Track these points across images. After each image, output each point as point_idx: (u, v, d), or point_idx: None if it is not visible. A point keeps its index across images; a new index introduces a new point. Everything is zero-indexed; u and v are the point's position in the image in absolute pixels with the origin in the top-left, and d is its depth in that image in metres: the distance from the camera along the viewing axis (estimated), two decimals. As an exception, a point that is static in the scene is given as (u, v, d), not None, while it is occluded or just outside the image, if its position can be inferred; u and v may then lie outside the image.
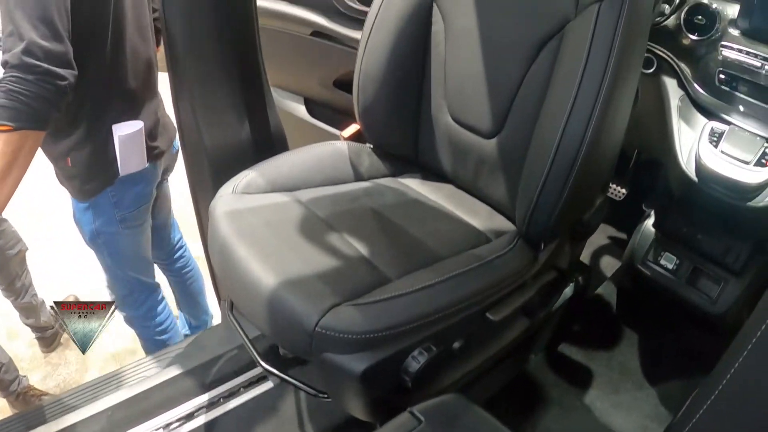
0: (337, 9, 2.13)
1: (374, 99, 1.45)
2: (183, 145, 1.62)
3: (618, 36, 1.06)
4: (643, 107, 1.73)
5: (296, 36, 2.24)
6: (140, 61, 1.58)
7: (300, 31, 2.22)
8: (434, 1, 1.39)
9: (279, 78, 2.45)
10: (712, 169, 1.43)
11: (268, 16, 2.26)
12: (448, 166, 1.46)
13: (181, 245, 2.26)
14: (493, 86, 1.29)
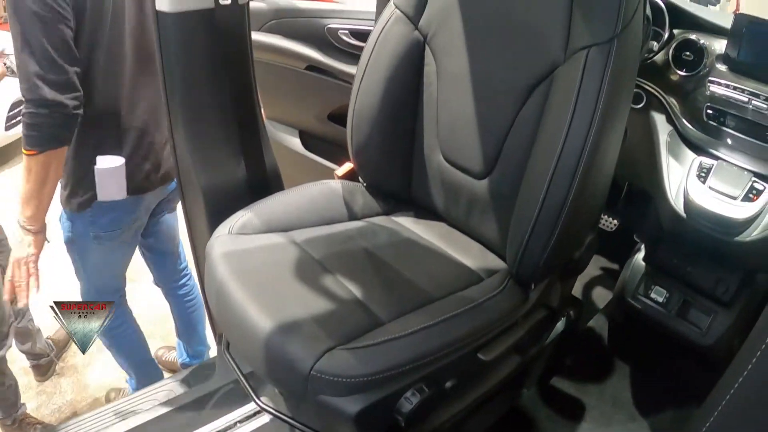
0: (332, 43, 2.17)
1: (368, 138, 1.47)
2: (179, 183, 1.64)
3: (606, 81, 1.08)
4: (632, 142, 1.76)
5: (291, 69, 2.27)
6: (138, 96, 1.67)
7: (295, 64, 2.26)
8: (426, 42, 1.42)
9: (274, 111, 2.48)
10: (700, 205, 1.46)
11: (264, 49, 2.30)
12: (440, 204, 1.49)
13: (186, 273, 2.29)
14: (484, 128, 1.32)
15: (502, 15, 1.27)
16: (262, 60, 2.32)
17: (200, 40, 1.42)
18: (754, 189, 1.48)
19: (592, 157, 1.10)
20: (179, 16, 1.38)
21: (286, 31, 2.28)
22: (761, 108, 1.55)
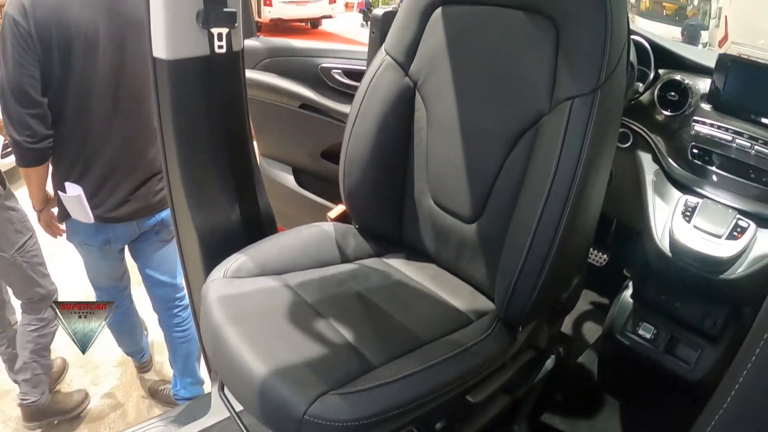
0: (325, 82, 2.21)
1: (359, 182, 1.50)
2: (174, 226, 1.67)
3: (589, 130, 1.11)
4: (620, 180, 1.79)
5: (285, 108, 2.31)
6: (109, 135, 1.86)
7: (289, 103, 2.30)
8: (416, 88, 1.45)
9: (268, 148, 2.52)
10: (685, 244, 1.49)
11: (259, 87, 2.33)
12: (431, 247, 1.51)
13: (180, 305, 2.33)
14: (472, 173, 1.34)
15: (489, 64, 1.31)
16: (256, 98, 2.36)
17: (196, 86, 1.46)
18: (739, 227, 1.51)
19: (577, 204, 1.13)
20: (176, 63, 1.42)
21: (281, 70, 2.32)
22: (745, 146, 1.59)
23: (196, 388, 2.44)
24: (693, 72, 1.81)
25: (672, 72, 1.79)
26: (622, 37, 1.17)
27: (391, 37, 1.48)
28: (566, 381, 1.95)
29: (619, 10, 1.14)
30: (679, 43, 2.14)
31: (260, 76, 2.34)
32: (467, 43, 1.34)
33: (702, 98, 1.72)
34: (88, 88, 1.77)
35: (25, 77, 1.67)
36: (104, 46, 1.75)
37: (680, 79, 1.73)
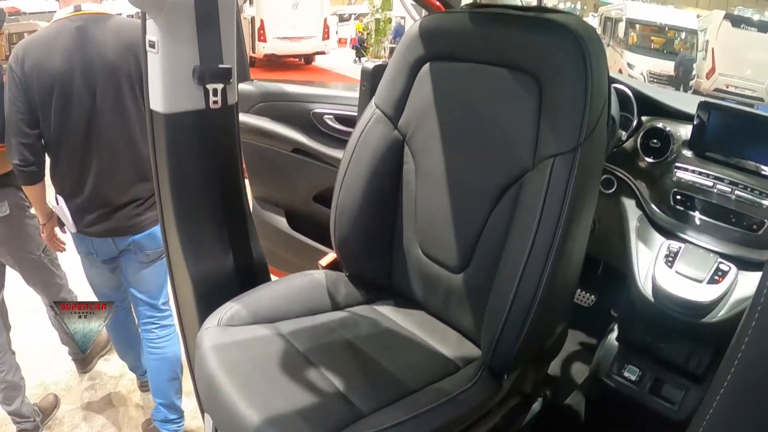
0: (318, 128, 2.26)
1: (350, 232, 1.54)
2: (170, 273, 1.70)
3: (570, 187, 1.16)
4: (605, 225, 1.84)
5: (278, 152, 2.36)
6: (88, 166, 2.08)
7: (282, 147, 2.34)
8: (405, 142, 1.49)
9: (261, 191, 2.56)
10: (667, 290, 1.52)
11: (252, 131, 2.38)
12: (419, 294, 1.54)
13: (156, 323, 2.38)
14: (459, 226, 1.38)
15: (475, 119, 1.35)
16: (249, 141, 2.41)
17: (191, 138, 1.51)
18: (720, 270, 1.55)
19: (559, 256, 1.17)
20: (172, 117, 1.47)
21: (274, 114, 2.37)
22: (725, 191, 1.64)
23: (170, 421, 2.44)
24: (675, 118, 1.86)
25: (654, 119, 1.85)
26: (602, 94, 1.21)
27: (381, 90, 1.52)
28: (554, 423, 1.96)
29: (599, 70, 1.19)
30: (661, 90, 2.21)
31: (254, 120, 2.39)
32: (454, 99, 1.39)
33: (683, 145, 1.77)
34: (65, 125, 2.02)
35: (16, 113, 1.98)
36: (77, 91, 1.98)
37: (662, 126, 1.79)
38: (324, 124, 2.23)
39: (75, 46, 1.95)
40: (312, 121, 2.26)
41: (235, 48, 1.51)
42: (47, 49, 1.95)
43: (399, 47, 1.48)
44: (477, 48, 1.33)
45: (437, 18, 1.45)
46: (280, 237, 2.48)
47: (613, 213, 1.82)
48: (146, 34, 1.45)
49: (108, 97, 2.00)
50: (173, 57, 1.43)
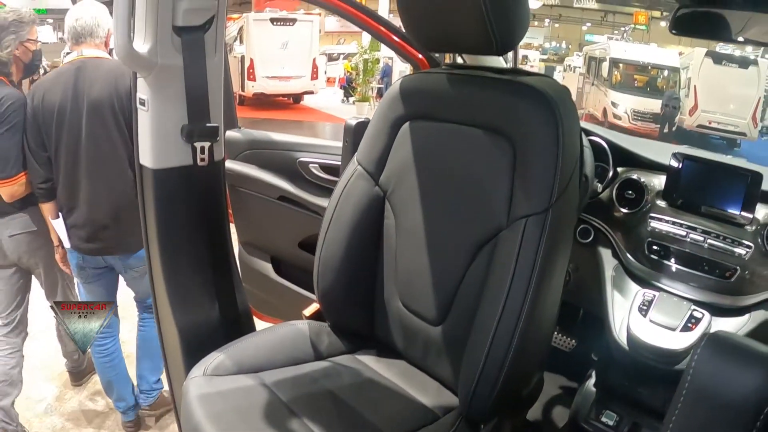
0: (303, 176, 2.31)
1: (332, 285, 1.57)
2: (157, 322, 1.73)
3: (542, 246, 1.21)
4: (582, 274, 1.88)
5: (264, 199, 2.39)
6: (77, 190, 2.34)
7: (268, 194, 2.38)
8: (386, 197, 1.54)
9: (247, 237, 2.59)
10: (641, 338, 1.57)
11: (239, 178, 2.43)
12: (400, 345, 1.57)
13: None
14: (437, 280, 1.42)
15: (452, 178, 1.40)
16: (236, 187, 2.45)
17: (179, 193, 1.56)
18: (693, 318, 1.59)
19: (532, 311, 1.21)
20: (160, 172, 1.52)
21: (260, 162, 2.42)
22: (698, 240, 1.70)
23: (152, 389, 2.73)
24: (649, 169, 1.92)
25: (629, 170, 1.91)
26: (573, 156, 1.27)
27: (363, 147, 1.57)
28: None
29: (571, 133, 1.25)
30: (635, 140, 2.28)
31: (240, 167, 2.43)
32: (433, 158, 1.44)
33: (657, 195, 1.83)
34: (60, 150, 2.30)
35: (32, 139, 2.31)
36: (69, 122, 2.27)
37: (636, 178, 1.85)
38: (309, 172, 2.28)
39: (70, 83, 2.27)
40: (298, 169, 2.31)
41: (222, 107, 1.57)
42: (51, 85, 2.29)
43: (380, 105, 1.53)
44: (455, 109, 1.39)
45: (417, 78, 1.51)
46: (266, 282, 2.50)
47: (590, 262, 1.86)
48: (137, 92, 1.51)
49: (95, 126, 2.27)
50: (162, 115, 1.49)
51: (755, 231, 1.70)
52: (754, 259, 1.66)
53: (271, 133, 2.52)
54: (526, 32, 1.34)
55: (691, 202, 1.78)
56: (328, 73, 21.81)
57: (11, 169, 2.32)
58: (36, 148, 2.32)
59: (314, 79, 17.71)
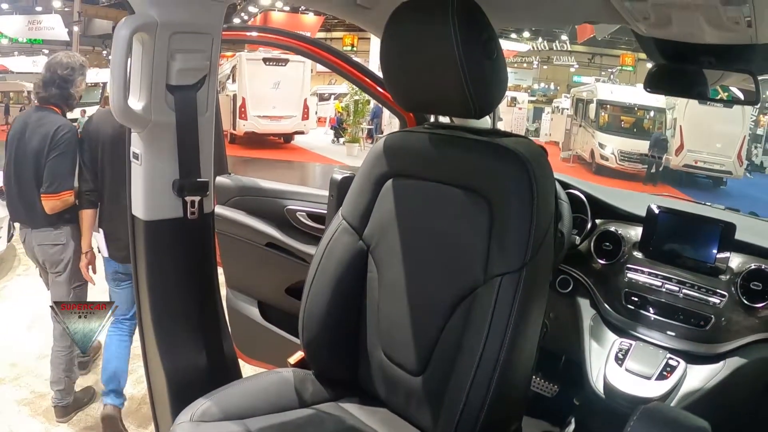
0: (291, 223, 2.36)
1: (317, 335, 1.60)
2: (145, 368, 1.76)
3: (516, 303, 1.26)
4: (562, 322, 1.93)
5: (252, 245, 2.44)
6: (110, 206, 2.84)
7: (256, 240, 2.43)
8: (369, 252, 1.58)
9: (235, 281, 2.63)
10: (617, 387, 1.62)
11: (228, 223, 2.47)
12: (383, 393, 1.60)
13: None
14: (418, 333, 1.46)
15: (432, 235, 1.45)
16: (225, 233, 2.50)
17: (169, 244, 1.61)
18: (669, 366, 1.64)
19: (507, 364, 1.26)
20: (151, 224, 1.58)
21: (249, 208, 2.47)
22: (674, 290, 1.76)
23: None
24: (626, 221, 1.99)
25: (607, 222, 1.97)
26: (547, 216, 1.32)
27: (347, 203, 1.61)
28: None
29: (545, 194, 1.31)
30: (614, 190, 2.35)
31: (230, 213, 2.48)
32: (414, 214, 1.49)
33: (634, 246, 1.90)
34: (104, 170, 2.80)
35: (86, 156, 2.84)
36: (115, 147, 2.67)
37: (613, 230, 1.91)
38: (297, 220, 2.32)
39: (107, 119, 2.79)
40: (285, 216, 2.36)
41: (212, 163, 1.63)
42: (105, 117, 2.83)
43: (365, 162, 1.59)
44: (436, 169, 1.44)
45: (401, 137, 1.56)
46: (253, 326, 2.53)
47: (569, 312, 1.91)
48: (131, 146, 1.57)
49: (110, 157, 2.76)
50: (155, 169, 1.55)
51: (729, 280, 1.76)
52: (728, 307, 1.72)
53: (260, 180, 2.58)
54: (503, 97, 1.42)
55: (667, 252, 1.84)
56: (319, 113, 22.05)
57: (57, 186, 2.80)
58: (89, 164, 2.82)
59: (305, 119, 17.89)
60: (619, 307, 1.81)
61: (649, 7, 1.36)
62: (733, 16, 1.30)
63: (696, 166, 16.91)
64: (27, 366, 3.57)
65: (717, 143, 16.52)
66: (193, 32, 1.51)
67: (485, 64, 1.30)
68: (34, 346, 3.76)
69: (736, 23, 1.33)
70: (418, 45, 1.33)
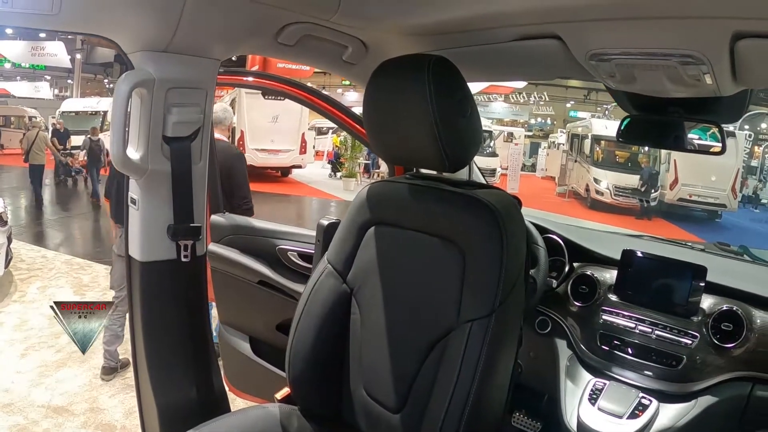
0: (282, 263, 2.44)
1: (302, 373, 1.67)
2: (138, 401, 1.85)
3: (485, 347, 1.34)
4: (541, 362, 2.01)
5: (245, 282, 2.51)
6: None
7: (248, 277, 2.50)
8: (353, 295, 1.66)
9: (227, 317, 2.70)
10: (590, 426, 1.68)
11: (221, 261, 2.55)
12: (365, 429, 1.65)
13: None
14: (396, 372, 1.53)
15: (411, 280, 1.53)
16: (219, 269, 2.58)
17: (162, 284, 1.71)
18: (641, 405, 1.71)
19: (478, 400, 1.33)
20: (147, 264, 1.68)
21: (242, 246, 2.55)
22: (647, 332, 1.84)
23: None
24: (602, 264, 2.07)
25: (584, 266, 2.06)
26: (518, 263, 1.41)
27: (333, 248, 1.70)
28: None
29: (515, 244, 1.40)
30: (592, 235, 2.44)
31: (223, 251, 2.56)
32: (394, 261, 1.57)
33: (609, 289, 1.98)
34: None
35: None
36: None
37: (590, 274, 2.00)
38: (288, 259, 2.40)
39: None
40: (277, 255, 2.43)
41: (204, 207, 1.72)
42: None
43: (349, 210, 1.68)
44: (414, 218, 1.53)
45: (382, 186, 1.66)
46: (243, 361, 2.59)
47: (547, 352, 1.99)
48: (129, 191, 1.67)
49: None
50: (151, 214, 1.66)
51: (700, 321, 1.83)
52: (700, 347, 1.79)
53: (253, 219, 2.67)
54: (477, 151, 1.52)
55: (640, 295, 1.93)
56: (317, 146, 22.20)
57: None
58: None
59: (303, 154, 18.02)
60: (595, 348, 1.89)
61: (613, 66, 1.46)
62: (694, 74, 1.38)
63: (690, 200, 17.03)
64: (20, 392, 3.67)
65: (711, 176, 16.65)
66: (188, 87, 1.62)
67: (459, 122, 1.41)
68: (28, 374, 3.91)
69: (697, 80, 1.41)
70: (396, 102, 1.44)
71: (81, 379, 3.96)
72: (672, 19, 1.18)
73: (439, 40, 1.69)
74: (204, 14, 1.48)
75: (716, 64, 1.26)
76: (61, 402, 3.62)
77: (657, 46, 1.30)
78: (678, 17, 1.16)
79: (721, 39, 1.14)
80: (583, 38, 1.39)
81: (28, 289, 6.01)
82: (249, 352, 2.60)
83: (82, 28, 1.57)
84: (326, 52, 1.82)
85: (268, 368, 2.51)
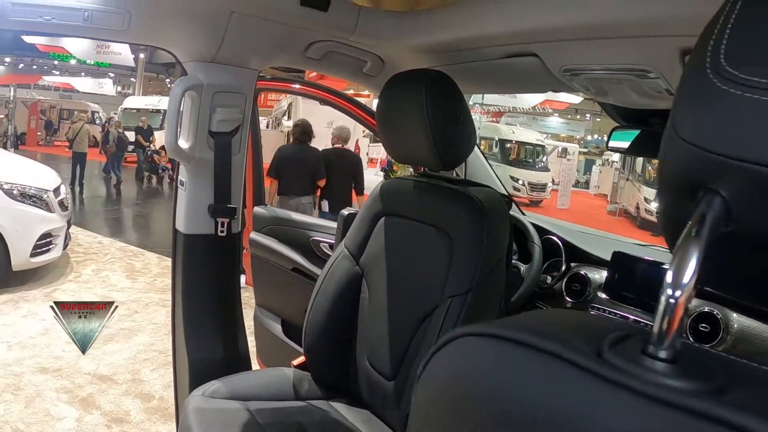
0: (315, 253, 2.66)
1: (316, 342, 1.90)
2: (173, 354, 2.16)
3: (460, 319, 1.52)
4: None
5: (280, 268, 2.75)
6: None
7: (283, 264, 2.74)
8: (364, 276, 1.88)
9: (263, 300, 2.94)
10: None
11: (260, 248, 2.81)
12: (366, 396, 1.86)
13: None
14: (392, 343, 1.74)
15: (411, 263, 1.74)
16: (258, 256, 2.82)
17: (201, 254, 2.00)
18: None
19: None
20: (189, 237, 1.96)
21: (280, 236, 2.78)
22: None
23: None
24: (596, 265, 2.22)
25: (580, 266, 2.21)
26: (498, 251, 1.60)
27: (350, 234, 1.93)
28: None
29: (497, 233, 1.59)
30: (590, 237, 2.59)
31: (263, 239, 2.81)
32: (399, 247, 1.79)
33: (599, 288, 2.12)
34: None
35: None
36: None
37: (582, 273, 2.15)
38: (320, 250, 2.62)
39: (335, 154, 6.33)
40: (310, 246, 2.66)
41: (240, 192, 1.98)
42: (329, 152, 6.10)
43: (366, 202, 1.91)
44: (417, 210, 1.74)
45: (395, 183, 1.89)
46: (275, 341, 2.82)
47: None
48: (179, 174, 1.94)
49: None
50: (195, 194, 1.94)
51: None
52: None
53: (292, 212, 2.90)
54: (470, 152, 1.73)
55: (627, 294, 2.06)
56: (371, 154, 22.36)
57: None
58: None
59: (356, 158, 18.19)
60: None
61: (584, 80, 1.62)
62: (653, 87, 1.50)
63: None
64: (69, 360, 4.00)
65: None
66: (231, 92, 1.90)
67: (452, 129, 1.62)
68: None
69: (659, 92, 1.52)
70: (400, 110, 1.67)
71: (126, 353, 4.27)
72: (628, 38, 1.32)
73: (441, 57, 1.91)
74: (243, 33, 1.77)
75: (670, 77, 1.38)
76: (106, 371, 3.92)
77: (617, 62, 1.44)
78: (633, 36, 1.30)
79: (671, 55, 1.26)
80: (557, 56, 1.57)
81: (83, 270, 6.44)
82: (280, 333, 2.84)
83: (146, 41, 1.90)
84: (349, 65, 2.09)
85: (297, 349, 2.72)
